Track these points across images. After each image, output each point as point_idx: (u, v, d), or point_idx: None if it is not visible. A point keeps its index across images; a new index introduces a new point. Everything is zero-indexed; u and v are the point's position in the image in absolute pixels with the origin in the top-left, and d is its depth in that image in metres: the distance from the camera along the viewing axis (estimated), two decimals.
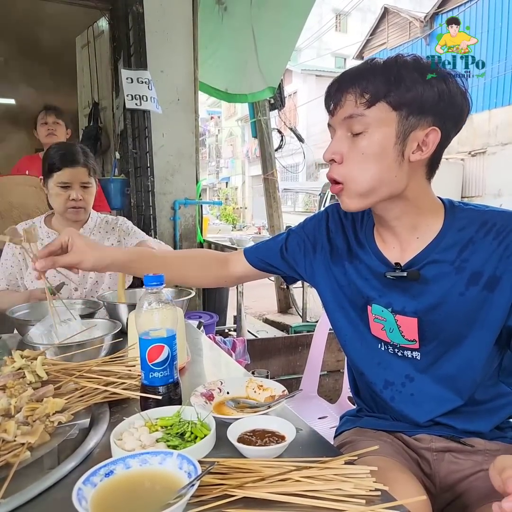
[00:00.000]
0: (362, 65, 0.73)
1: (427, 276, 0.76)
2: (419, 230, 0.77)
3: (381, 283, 0.81)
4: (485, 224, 0.72)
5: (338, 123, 0.73)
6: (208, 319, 2.91)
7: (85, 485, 0.51)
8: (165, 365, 0.73)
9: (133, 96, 2.70)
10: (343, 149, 0.73)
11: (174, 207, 3.16)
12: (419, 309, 0.77)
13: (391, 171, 0.71)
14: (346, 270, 0.86)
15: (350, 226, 0.88)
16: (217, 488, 0.54)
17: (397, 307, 0.79)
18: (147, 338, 0.73)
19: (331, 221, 0.91)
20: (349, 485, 0.54)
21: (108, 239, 1.63)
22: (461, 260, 0.73)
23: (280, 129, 4.85)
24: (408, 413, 0.81)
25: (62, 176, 1.47)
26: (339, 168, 0.74)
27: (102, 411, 0.77)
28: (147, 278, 0.73)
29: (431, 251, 0.76)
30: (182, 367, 0.97)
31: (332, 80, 0.76)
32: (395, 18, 14.45)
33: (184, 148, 3.16)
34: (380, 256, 0.81)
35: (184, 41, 3.10)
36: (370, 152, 0.71)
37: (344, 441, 0.87)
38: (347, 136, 0.73)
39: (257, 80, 3.82)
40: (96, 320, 1.08)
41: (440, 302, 0.75)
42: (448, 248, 0.74)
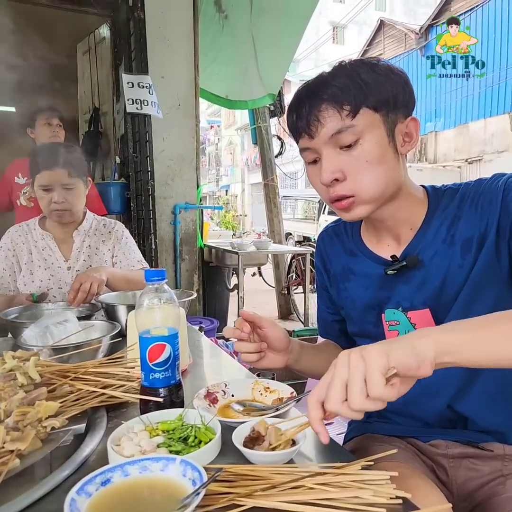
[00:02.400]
0: (319, 80, 0.72)
1: (425, 260, 0.76)
2: (411, 220, 0.78)
3: (383, 284, 0.79)
4: (463, 198, 0.75)
5: (323, 142, 0.71)
6: (209, 324, 2.86)
7: (79, 495, 0.46)
8: (167, 365, 0.69)
9: (134, 100, 2.68)
10: (341, 165, 0.71)
11: (174, 211, 3.13)
12: (427, 296, 0.76)
13: (394, 168, 0.73)
14: (348, 291, 0.86)
15: (340, 242, 0.89)
16: (224, 497, 0.50)
17: (406, 304, 0.78)
18: (147, 337, 0.68)
19: (321, 252, 0.93)
20: (368, 493, 0.49)
21: (104, 242, 1.59)
22: (451, 236, 0.75)
23: (280, 136, 4.85)
24: (421, 405, 0.78)
25: (41, 179, 1.43)
26: (345, 184, 0.71)
27: (99, 416, 0.72)
28: (148, 272, 0.69)
29: (422, 236, 0.76)
30: (184, 370, 0.93)
31: (291, 106, 0.73)
32: (391, 30, 14.73)
33: (184, 153, 3.15)
34: (375, 257, 0.81)
35: (185, 48, 3.11)
36: (374, 157, 0.70)
37: (355, 447, 0.83)
38: (337, 152, 0.71)
39: (257, 87, 3.82)
40: (94, 322, 1.04)
41: (444, 282, 0.74)
42: (437, 228, 0.76)
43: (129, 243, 1.63)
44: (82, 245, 1.56)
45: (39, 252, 1.53)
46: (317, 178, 0.74)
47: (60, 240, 1.56)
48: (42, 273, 1.50)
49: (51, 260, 1.53)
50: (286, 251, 3.83)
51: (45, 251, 1.53)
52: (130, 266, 1.58)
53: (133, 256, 1.60)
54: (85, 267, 1.53)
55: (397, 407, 0.80)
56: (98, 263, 1.56)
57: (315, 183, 0.77)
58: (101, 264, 1.56)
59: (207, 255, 3.53)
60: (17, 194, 2.38)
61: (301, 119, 0.71)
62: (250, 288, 3.45)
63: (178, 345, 0.71)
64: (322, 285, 0.95)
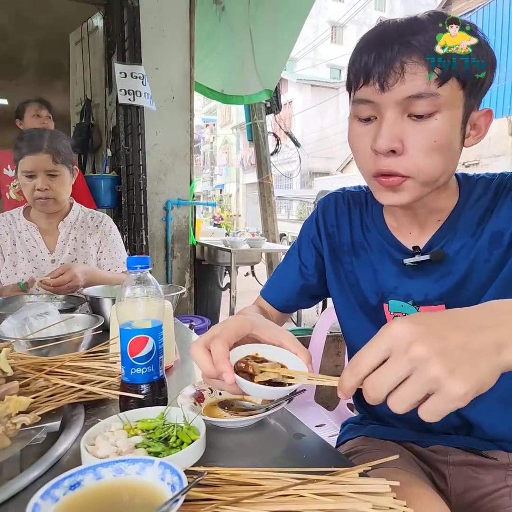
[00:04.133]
0: (413, 22, 0.57)
1: (449, 253, 0.69)
2: (439, 210, 0.70)
3: (397, 272, 0.72)
4: (498, 189, 0.69)
5: (394, 101, 0.58)
6: (200, 323, 2.81)
7: (44, 500, 0.41)
8: (149, 360, 0.64)
9: (127, 91, 2.62)
10: (404, 136, 0.59)
11: (166, 207, 3.07)
12: (444, 291, 0.69)
13: (455, 159, 0.63)
14: (353, 266, 0.77)
15: (357, 213, 0.79)
16: (207, 504, 0.45)
17: (418, 297, 0.71)
18: (128, 329, 0.63)
19: (327, 214, 0.82)
20: (367, 505, 0.44)
21: (90, 235, 1.53)
22: (481, 230, 0.68)
23: (276, 133, 4.80)
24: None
25: (24, 164, 1.37)
26: (402, 160, 0.60)
27: (75, 413, 0.67)
28: (130, 260, 0.64)
29: (450, 228, 0.70)
30: (170, 366, 0.88)
31: (368, 41, 0.59)
32: None
33: (178, 147, 3.09)
34: (394, 242, 0.73)
35: (180, 39, 3.05)
36: (444, 139, 0.59)
37: (349, 451, 0.78)
38: (404, 119, 0.59)
39: (253, 82, 3.77)
40: (76, 314, 0.98)
41: (466, 277, 0.68)
42: (467, 220, 0.69)
43: (116, 240, 1.57)
44: (67, 237, 1.51)
45: (23, 243, 1.47)
46: (365, 140, 0.61)
47: (45, 231, 1.50)
48: (25, 266, 1.44)
49: (35, 252, 1.47)
50: (280, 250, 3.79)
51: (29, 242, 1.47)
52: (115, 266, 1.52)
53: (119, 256, 1.54)
54: (70, 261, 1.47)
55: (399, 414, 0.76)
56: (84, 257, 1.50)
57: (358, 146, 0.63)
58: (86, 258, 1.50)
59: (199, 253, 3.47)
60: (6, 187, 2.32)
61: (380, 62, 0.57)
62: (243, 288, 3.40)
63: (162, 339, 0.66)
64: (306, 249, 0.84)
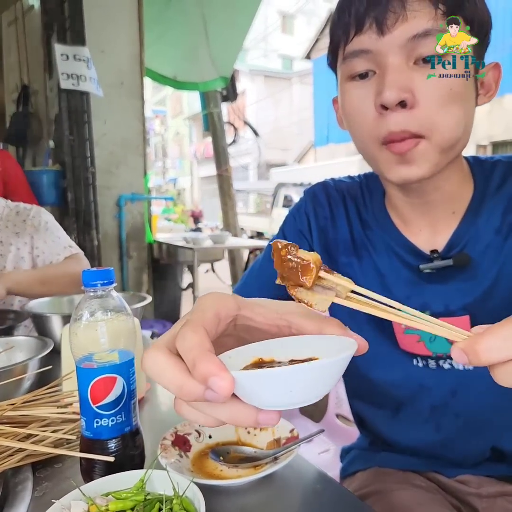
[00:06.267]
0: None
1: (475, 257, 0.57)
2: (456, 200, 0.59)
3: (409, 279, 0.60)
4: None
5: (397, 46, 0.49)
6: (162, 328, 2.62)
7: None
8: (119, 407, 0.48)
9: (69, 75, 2.35)
10: (414, 85, 0.49)
11: (119, 203, 2.83)
12: (469, 301, 0.57)
13: (472, 116, 0.53)
14: (353, 269, 0.63)
15: (352, 206, 0.65)
16: None
17: (437, 308, 0.59)
18: (89, 367, 0.47)
19: (318, 205, 0.67)
20: None
21: (18, 234, 1.26)
22: (507, 225, 0.57)
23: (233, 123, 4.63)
24: (457, 446, 0.61)
25: None
26: (413, 114, 0.49)
27: (20, 480, 0.51)
28: (86, 274, 0.47)
29: (470, 223, 0.58)
30: (141, 399, 0.72)
31: None
32: None
33: (129, 138, 2.85)
34: (405, 243, 0.61)
35: (128, 20, 2.80)
36: (460, 86, 0.49)
37: (365, 491, 0.65)
38: (410, 66, 0.49)
39: (208, 69, 3.58)
40: (17, 338, 0.79)
41: (494, 285, 0.57)
42: (489, 213, 0.58)
43: (51, 228, 1.31)
44: None
45: None
46: (366, 100, 0.51)
47: None
48: None
49: None
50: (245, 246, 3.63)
51: None
52: (55, 254, 1.27)
53: (58, 243, 1.29)
54: None
55: (424, 446, 0.64)
56: (13, 262, 1.26)
57: (358, 109, 0.53)
58: (17, 262, 1.26)
59: (156, 252, 3.25)
60: None
61: (374, 3, 0.48)
62: (204, 286, 3.25)
63: (134, 376, 0.50)
64: (292, 241, 0.67)
